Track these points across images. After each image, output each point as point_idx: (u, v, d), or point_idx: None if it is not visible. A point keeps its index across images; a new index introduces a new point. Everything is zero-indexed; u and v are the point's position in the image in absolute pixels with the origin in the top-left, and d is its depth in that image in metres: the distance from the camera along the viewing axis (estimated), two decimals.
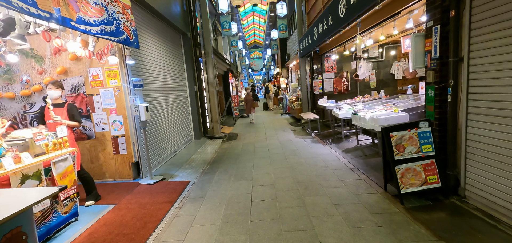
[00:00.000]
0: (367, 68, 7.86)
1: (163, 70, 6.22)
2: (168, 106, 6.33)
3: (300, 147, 6.10)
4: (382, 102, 6.63)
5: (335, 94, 9.52)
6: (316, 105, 9.66)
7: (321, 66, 9.56)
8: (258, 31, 30.35)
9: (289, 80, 16.62)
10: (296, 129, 8.83)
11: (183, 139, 7.14)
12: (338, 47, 7.41)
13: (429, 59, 3.19)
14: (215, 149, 6.74)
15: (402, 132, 3.00)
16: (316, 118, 7.52)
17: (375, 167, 4.23)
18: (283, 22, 12.82)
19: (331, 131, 7.66)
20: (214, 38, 14.81)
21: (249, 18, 24.76)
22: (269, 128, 9.60)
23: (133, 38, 3.94)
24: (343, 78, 9.49)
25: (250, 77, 44.43)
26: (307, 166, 4.63)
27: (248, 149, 6.43)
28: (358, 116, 5.19)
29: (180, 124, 7.05)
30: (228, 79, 15.30)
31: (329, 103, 8.10)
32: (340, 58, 9.28)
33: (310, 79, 9.82)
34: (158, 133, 5.51)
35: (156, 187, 4.15)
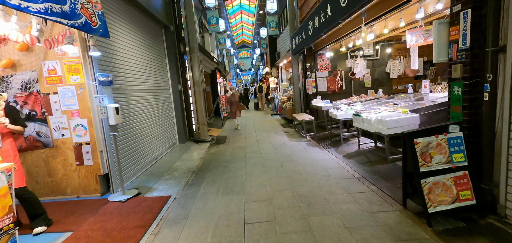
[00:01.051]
0: (364, 66, 7.43)
1: (142, 66, 5.47)
2: (148, 107, 5.59)
3: (295, 152, 5.53)
4: (382, 102, 6.19)
5: (329, 94, 9.06)
6: (309, 106, 9.16)
7: (314, 64, 9.07)
8: (246, 30, 29.72)
9: (279, 80, 16.10)
10: (289, 131, 8.28)
11: (165, 144, 6.39)
12: (333, 43, 6.92)
13: (456, 50, 2.69)
14: (201, 155, 6.04)
15: (428, 138, 2.47)
16: (311, 120, 6.99)
17: (384, 175, 3.71)
18: (273, 19, 12.27)
19: (327, 133, 7.15)
20: (200, 35, 14.06)
21: (237, 16, 24.08)
22: (260, 130, 8.99)
23: (98, 24, 3.21)
24: (337, 77, 9.04)
25: (239, 77, 43.73)
26: (306, 175, 4.06)
27: (238, 155, 5.79)
28: (360, 118, 4.68)
29: (162, 127, 6.30)
30: (215, 79, 14.57)
31: (324, 103, 7.60)
32: (334, 56, 8.82)
33: (303, 78, 9.31)
34: (134, 138, 4.77)
35: (128, 205, 3.43)
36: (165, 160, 5.66)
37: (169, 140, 6.72)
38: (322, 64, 8.96)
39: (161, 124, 6.27)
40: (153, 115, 5.81)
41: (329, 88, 9.08)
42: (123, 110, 4.47)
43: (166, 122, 6.61)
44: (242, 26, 28.79)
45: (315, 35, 6.30)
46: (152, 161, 5.44)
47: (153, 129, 5.75)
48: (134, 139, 4.77)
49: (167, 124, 6.70)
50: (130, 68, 4.96)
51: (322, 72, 9.01)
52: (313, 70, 9.08)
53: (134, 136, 4.78)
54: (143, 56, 5.57)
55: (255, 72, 40.34)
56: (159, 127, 6.08)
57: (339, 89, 9.07)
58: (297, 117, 7.60)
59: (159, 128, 6.11)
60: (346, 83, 9.14)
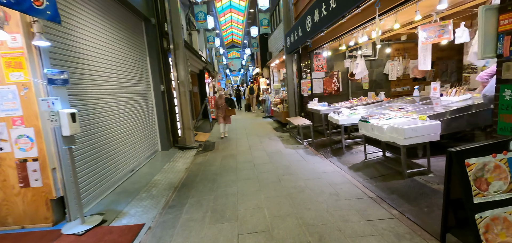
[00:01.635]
0: (364, 66, 6.90)
1: (115, 63, 4.66)
2: (123, 110, 4.78)
3: (294, 162, 4.89)
4: (385, 105, 5.66)
5: (325, 96, 8.50)
6: (304, 109, 8.57)
7: (310, 64, 8.49)
8: (236, 30, 29.01)
9: (271, 81, 15.49)
10: (284, 136, 7.64)
11: (145, 152, 5.59)
12: (333, 41, 6.34)
13: (509, 44, 2.12)
14: (186, 165, 5.29)
15: (483, 158, 1.87)
16: (309, 125, 6.38)
17: (404, 195, 3.12)
18: (265, 16, 11.65)
19: (326, 140, 6.56)
20: (188, 32, 13.23)
21: (227, 14, 23.34)
22: (252, 134, 8.31)
23: (44, 4, 2.43)
24: (334, 78, 8.51)
25: (228, 78, 42.90)
26: (310, 194, 3.41)
27: (228, 165, 5.08)
28: (369, 125, 4.09)
29: (141, 133, 5.50)
30: (204, 79, 13.77)
31: (322, 106, 7.02)
32: (331, 56, 8.28)
33: (297, 79, 8.71)
34: (103, 149, 3.97)
35: (86, 240, 2.66)
36: (143, 173, 4.87)
37: (150, 148, 5.92)
38: (318, 64, 8.40)
39: (140, 129, 5.46)
40: (129, 120, 5.00)
41: (325, 90, 8.53)
42: (89, 115, 3.67)
43: (146, 127, 5.80)
44: (232, 26, 28.07)
45: (314, 31, 5.69)
46: (128, 174, 4.64)
47: (129, 136, 4.95)
48: (103, 150, 3.97)
49: (148, 129, 5.89)
50: (100, 64, 4.15)
51: (318, 73, 8.45)
52: (309, 71, 8.50)
53: (103, 146, 3.98)
54: (117, 51, 4.76)
55: (244, 73, 39.65)
56: (137, 133, 5.28)
57: (335, 91, 8.54)
58: (293, 121, 6.98)
59: (137, 134, 5.30)
60: (343, 85, 8.62)
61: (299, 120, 7.02)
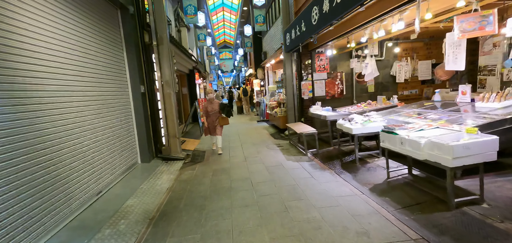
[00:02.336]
0: (375, 67, 6.13)
1: (76, 58, 3.69)
2: (87, 118, 3.81)
3: (300, 180, 4.03)
4: (403, 111, 4.89)
5: (327, 99, 7.72)
6: (305, 113, 7.76)
7: (311, 64, 7.69)
8: (228, 30, 28.10)
9: (265, 82, 14.66)
10: (283, 144, 6.79)
11: (119, 167, 4.61)
12: (341, 38, 5.54)
13: None
14: (169, 183, 4.35)
15: None
16: (314, 133, 5.54)
17: (461, 238, 2.30)
18: (261, 13, 10.81)
19: (332, 150, 5.75)
20: (176, 29, 12.24)
21: (219, 13, 22.42)
22: (247, 142, 7.42)
23: None
24: (337, 79, 7.73)
25: (220, 79, 41.88)
26: (331, 233, 2.55)
27: (221, 184, 4.17)
28: (396, 137, 3.28)
29: (114, 144, 4.52)
30: (194, 79, 12.79)
31: (326, 111, 6.21)
32: (334, 56, 7.51)
33: (297, 81, 7.90)
34: (53, 170, 2.99)
35: None
36: (113, 195, 3.90)
37: (126, 161, 4.94)
38: (321, 64, 7.61)
39: (113, 139, 4.48)
40: (97, 129, 4.03)
41: (327, 92, 7.74)
42: (31, 126, 2.70)
43: (121, 136, 4.82)
44: (224, 25, 27.16)
45: (322, 24, 4.87)
46: (92, 198, 3.66)
47: (97, 149, 3.97)
48: (55, 171, 2.99)
49: (124, 138, 4.92)
50: (52, 60, 3.18)
51: (320, 74, 7.66)
52: (309, 72, 7.70)
53: (55, 165, 3.01)
54: (81, 44, 3.79)
55: (237, 74, 38.75)
56: (108, 144, 4.30)
57: (339, 94, 7.76)
58: (295, 128, 6.13)
59: (109, 146, 4.33)
60: (346, 87, 7.86)
61: (301, 126, 6.18)
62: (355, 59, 7.01)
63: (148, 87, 5.68)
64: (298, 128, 5.99)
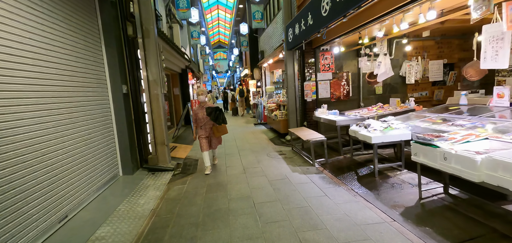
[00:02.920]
0: (389, 67, 5.50)
1: (36, 51, 2.93)
2: (51, 124, 3.04)
3: (312, 200, 3.34)
4: (429, 116, 4.27)
5: (332, 101, 7.09)
6: (308, 117, 7.10)
7: (314, 63, 7.05)
8: (223, 29, 27.37)
9: (262, 83, 13.98)
10: (285, 151, 6.10)
11: (94, 182, 3.84)
12: (352, 32, 4.90)
13: None
14: (153, 203, 3.60)
15: None
16: (323, 140, 4.87)
17: None
18: (258, 9, 10.13)
19: (342, 159, 5.09)
20: (168, 25, 11.46)
21: (214, 12, 21.67)
22: (246, 149, 6.70)
23: None
24: (343, 80, 7.11)
25: (214, 79, 41.05)
26: None
27: (216, 204, 3.45)
28: (436, 151, 2.62)
29: (88, 154, 3.75)
30: (187, 79, 12.01)
31: (334, 115, 5.57)
32: (339, 54, 6.89)
33: (299, 81, 7.24)
34: None
35: None
36: (82, 221, 3.13)
37: (104, 174, 4.17)
38: (325, 63, 6.97)
39: (86, 148, 3.71)
40: (65, 137, 3.26)
41: (332, 94, 7.11)
42: None
43: (98, 144, 4.06)
44: (219, 24, 26.41)
45: (333, 16, 4.22)
46: (54, 226, 2.89)
47: (64, 160, 3.20)
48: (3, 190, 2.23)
49: (101, 147, 4.15)
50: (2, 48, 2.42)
51: (325, 74, 7.02)
52: (313, 71, 7.05)
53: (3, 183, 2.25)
54: (42, 30, 3.02)
55: (231, 75, 37.98)
56: (80, 154, 3.54)
57: (345, 95, 7.14)
58: (299, 134, 5.45)
59: (81, 155, 3.56)
60: (353, 89, 7.25)
61: (306, 132, 5.50)
62: (365, 58, 6.39)
63: (132, 87, 4.91)
64: (303, 135, 5.31)
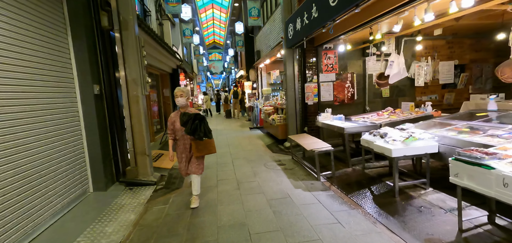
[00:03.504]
0: (404, 67, 4.88)
1: None
2: None
3: (322, 229, 2.67)
4: (454, 124, 3.66)
5: (336, 105, 6.46)
6: (308, 122, 6.46)
7: (316, 63, 6.41)
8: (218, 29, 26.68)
9: (258, 84, 13.31)
10: (284, 161, 5.43)
11: (53, 204, 3.09)
12: (363, 27, 4.27)
13: None
14: (124, 231, 2.87)
15: None
16: (329, 151, 4.21)
17: None
18: (255, 5, 9.48)
19: (351, 172, 4.44)
20: (158, 22, 10.72)
21: (208, 11, 20.98)
22: (240, 156, 6.01)
23: None
24: (347, 81, 6.49)
25: (209, 81, 40.24)
26: None
27: (203, 234, 2.73)
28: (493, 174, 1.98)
29: (46, 167, 3.01)
30: (178, 80, 11.26)
31: (341, 121, 4.93)
32: (344, 54, 6.28)
33: (300, 83, 6.59)
34: None
35: None
36: None
37: (69, 191, 3.42)
38: (328, 63, 6.34)
39: (45, 161, 2.97)
40: (16, 147, 2.52)
41: (336, 97, 6.48)
42: None
43: (62, 155, 3.32)
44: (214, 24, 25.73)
45: (344, 6, 3.58)
46: None
47: (12, 178, 2.46)
48: None
49: (66, 159, 3.41)
50: None
51: (328, 75, 6.40)
52: (315, 72, 6.41)
53: None
54: None
55: (227, 76, 37.24)
56: (36, 170, 2.80)
57: (349, 98, 6.52)
58: (301, 143, 4.78)
59: (37, 172, 2.82)
60: (358, 91, 6.63)
61: (309, 140, 4.83)
62: (372, 57, 5.77)
63: (106, 87, 4.18)
64: (306, 143, 4.64)
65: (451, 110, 6.04)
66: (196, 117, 3.21)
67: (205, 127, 3.26)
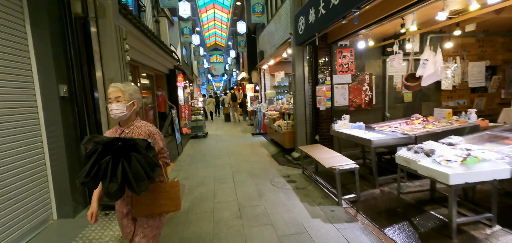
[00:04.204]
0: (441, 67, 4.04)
1: None
2: None
3: None
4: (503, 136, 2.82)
5: (351, 111, 5.65)
6: (320, 129, 5.64)
7: (330, 63, 5.60)
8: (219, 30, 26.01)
9: (261, 87, 12.52)
10: (294, 176, 4.60)
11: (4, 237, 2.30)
12: (387, 20, 3.47)
13: None
14: None
15: None
16: (354, 169, 3.38)
17: None
18: (259, 1, 8.71)
19: (379, 194, 3.60)
20: (154, 19, 9.96)
21: (209, 11, 20.30)
22: (241, 169, 5.18)
23: None
24: (364, 84, 5.68)
25: (210, 83, 39.56)
26: None
27: None
28: None
29: None
30: (175, 81, 10.48)
31: (361, 131, 4.11)
32: (360, 52, 5.49)
33: (310, 84, 5.79)
34: None
35: None
36: None
37: (24, 221, 2.61)
38: (344, 62, 5.54)
39: None
40: None
41: (352, 101, 5.67)
42: None
43: (16, 173, 2.51)
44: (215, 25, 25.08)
45: None
46: None
47: None
48: None
49: (22, 178, 2.60)
50: None
51: (343, 76, 5.59)
52: (328, 73, 5.60)
53: None
54: None
55: (228, 79, 36.51)
56: None
57: (367, 103, 5.70)
58: (318, 158, 3.93)
59: None
60: (377, 95, 5.81)
61: (326, 154, 3.99)
62: (398, 56, 4.95)
63: (78, 87, 3.39)
64: (322, 158, 3.80)
65: (482, 117, 5.22)
66: (126, 144, 1.43)
67: (136, 168, 1.40)
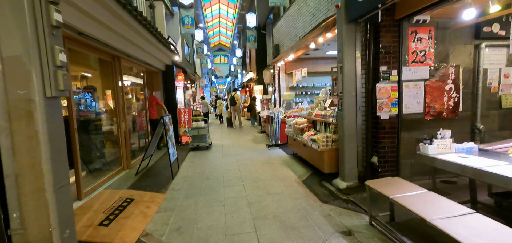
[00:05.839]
0: None
1: None
2: None
3: None
4: None
5: (427, 120, 3.79)
6: (380, 147, 3.78)
7: (398, 49, 3.75)
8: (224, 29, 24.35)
9: (275, 88, 10.68)
10: (354, 227, 2.73)
11: None
12: None
13: None
14: None
15: None
16: None
17: None
18: None
19: None
20: (148, 4, 8.22)
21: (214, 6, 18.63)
22: (265, 213, 3.30)
23: None
24: (448, 81, 3.82)
25: (213, 85, 37.85)
26: None
27: None
28: None
29: None
30: (172, 80, 8.70)
31: (474, 157, 2.23)
32: (443, 33, 3.66)
33: (365, 82, 3.94)
34: None
35: None
36: None
37: None
38: (419, 48, 3.69)
39: None
40: None
41: (429, 106, 3.80)
42: None
43: None
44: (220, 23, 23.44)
45: None
46: None
47: None
48: None
49: None
50: None
51: (417, 69, 3.73)
52: (395, 65, 3.75)
53: None
54: None
55: (232, 80, 34.76)
56: None
57: (450, 110, 3.84)
58: (421, 213, 2.08)
59: None
60: (464, 97, 3.94)
61: (423, 199, 2.14)
62: None
63: None
64: (426, 211, 1.94)
65: None
66: None
67: None
